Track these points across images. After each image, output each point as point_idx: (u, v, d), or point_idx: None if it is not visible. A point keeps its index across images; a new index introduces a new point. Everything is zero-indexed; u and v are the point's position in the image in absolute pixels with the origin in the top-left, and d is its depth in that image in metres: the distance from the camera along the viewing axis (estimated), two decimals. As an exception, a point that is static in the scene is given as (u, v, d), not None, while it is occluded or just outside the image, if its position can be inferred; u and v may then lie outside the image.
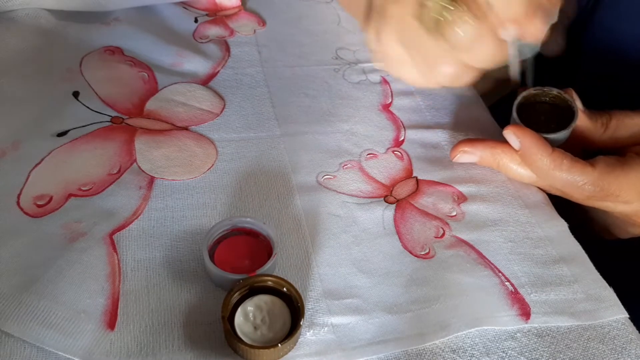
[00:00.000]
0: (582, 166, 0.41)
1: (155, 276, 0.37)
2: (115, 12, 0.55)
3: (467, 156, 0.45)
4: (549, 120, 0.44)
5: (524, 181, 0.45)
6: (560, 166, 0.41)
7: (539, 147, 0.41)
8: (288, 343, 0.33)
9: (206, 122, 0.47)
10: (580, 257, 0.41)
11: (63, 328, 0.33)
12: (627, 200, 0.41)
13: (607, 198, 0.41)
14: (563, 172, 0.41)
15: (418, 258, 0.40)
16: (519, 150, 0.42)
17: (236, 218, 0.39)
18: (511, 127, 0.43)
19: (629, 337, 0.37)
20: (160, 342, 0.34)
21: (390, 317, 0.36)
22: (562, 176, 0.41)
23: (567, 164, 0.41)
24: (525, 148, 0.42)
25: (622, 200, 0.41)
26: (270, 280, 0.35)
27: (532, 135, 0.42)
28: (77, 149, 0.43)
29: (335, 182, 0.44)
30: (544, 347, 0.36)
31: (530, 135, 0.42)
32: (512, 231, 0.42)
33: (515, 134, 0.42)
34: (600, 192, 0.41)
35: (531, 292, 0.39)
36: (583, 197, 0.42)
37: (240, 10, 0.59)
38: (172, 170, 0.43)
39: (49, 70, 0.48)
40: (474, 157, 0.45)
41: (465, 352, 0.36)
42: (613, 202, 0.42)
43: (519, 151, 0.42)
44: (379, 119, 0.50)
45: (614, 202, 0.41)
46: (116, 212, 0.39)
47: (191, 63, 0.52)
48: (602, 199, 0.41)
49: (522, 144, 0.42)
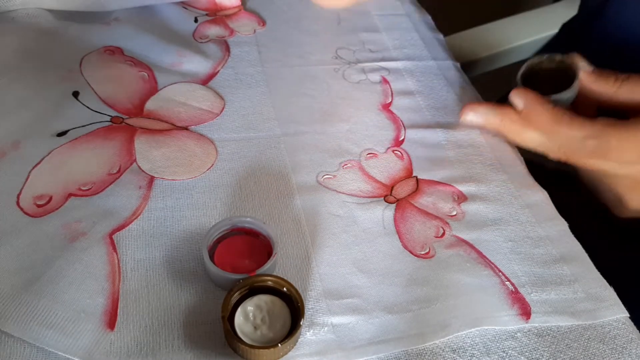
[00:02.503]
0: (582, 120, 0.41)
1: (155, 276, 0.37)
2: (115, 12, 0.55)
3: (472, 115, 0.48)
4: (555, 86, 0.44)
5: (526, 145, 0.45)
6: (560, 121, 0.41)
7: (540, 103, 0.42)
8: (288, 343, 0.33)
9: (206, 122, 0.47)
10: (580, 256, 0.41)
11: (63, 328, 0.33)
12: (629, 160, 0.41)
13: (609, 155, 0.41)
14: (563, 126, 0.41)
15: (418, 258, 0.40)
16: (522, 110, 0.43)
17: (236, 218, 0.39)
18: (515, 90, 0.44)
19: (630, 336, 0.37)
20: (160, 342, 0.34)
21: (391, 316, 0.36)
22: (562, 131, 0.42)
23: (567, 119, 0.41)
24: (527, 106, 0.43)
25: (625, 159, 0.41)
26: (270, 280, 0.35)
27: (534, 94, 0.43)
28: (77, 148, 0.43)
29: (335, 182, 0.44)
30: (545, 346, 0.36)
31: (533, 94, 0.43)
32: (512, 231, 0.42)
33: (518, 95, 0.43)
34: (601, 148, 0.41)
35: (531, 291, 0.39)
36: (585, 155, 0.42)
37: (240, 10, 0.59)
38: (172, 170, 0.43)
39: (49, 70, 0.48)
40: (480, 118, 0.47)
41: (466, 352, 0.35)
42: (616, 162, 0.42)
43: (523, 111, 0.43)
44: (379, 118, 0.50)
45: (616, 161, 0.41)
46: (116, 211, 0.39)
47: (191, 63, 0.52)
48: (603, 156, 0.41)
49: (524, 103, 0.43)
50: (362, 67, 0.55)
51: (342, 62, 0.55)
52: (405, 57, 0.56)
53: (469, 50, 0.67)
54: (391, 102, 0.52)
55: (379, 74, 0.54)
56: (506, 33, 0.70)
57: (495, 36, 0.69)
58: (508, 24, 0.71)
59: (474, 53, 0.67)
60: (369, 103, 0.51)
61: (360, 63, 0.55)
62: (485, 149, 0.48)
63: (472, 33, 0.69)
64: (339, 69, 0.54)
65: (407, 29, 0.60)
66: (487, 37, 0.69)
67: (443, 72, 0.55)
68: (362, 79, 0.53)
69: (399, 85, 0.53)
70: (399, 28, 0.60)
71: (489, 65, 0.69)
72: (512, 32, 0.70)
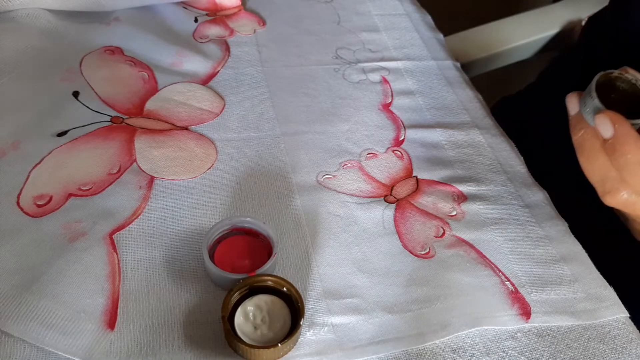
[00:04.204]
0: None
1: (155, 276, 0.37)
2: (115, 12, 0.55)
3: (573, 104, 0.40)
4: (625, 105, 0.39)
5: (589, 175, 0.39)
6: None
7: (634, 138, 0.36)
8: (288, 343, 0.33)
9: (206, 122, 0.47)
10: (580, 256, 0.41)
11: (63, 328, 0.33)
12: None
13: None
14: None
15: (418, 258, 0.40)
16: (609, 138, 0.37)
17: (236, 218, 0.39)
18: (607, 112, 0.37)
19: (630, 336, 0.37)
20: (160, 341, 0.34)
21: (390, 316, 0.36)
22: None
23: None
24: (618, 137, 0.36)
25: None
26: (270, 280, 0.35)
27: (627, 125, 0.37)
28: (77, 148, 0.43)
29: (335, 182, 0.44)
30: (545, 346, 0.36)
31: (626, 125, 0.37)
32: (512, 231, 0.42)
33: (611, 120, 0.37)
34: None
35: (531, 291, 0.39)
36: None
37: (240, 10, 0.59)
38: (172, 170, 0.43)
39: (49, 70, 0.48)
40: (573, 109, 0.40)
41: (466, 352, 0.35)
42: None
43: (610, 140, 0.37)
44: (379, 118, 0.50)
45: None
46: (116, 211, 0.39)
47: (191, 63, 0.52)
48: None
49: (616, 132, 0.37)
50: (362, 67, 0.55)
51: (342, 62, 0.55)
52: (405, 57, 0.56)
53: (469, 50, 0.67)
54: (391, 102, 0.52)
55: (379, 74, 0.54)
56: (506, 33, 0.70)
57: (495, 36, 0.69)
58: (507, 24, 0.71)
59: (474, 53, 0.67)
60: (369, 103, 0.51)
61: (360, 63, 0.55)
62: (485, 149, 0.48)
63: (472, 33, 0.69)
64: (339, 69, 0.54)
65: (407, 29, 0.60)
66: (486, 37, 0.69)
67: (443, 72, 0.55)
68: (362, 79, 0.53)
69: (399, 85, 0.53)
70: (399, 28, 0.60)
71: (488, 65, 0.69)
72: (512, 32, 0.70)
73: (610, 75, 0.40)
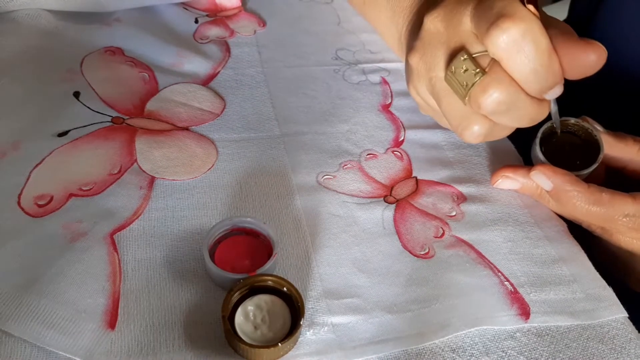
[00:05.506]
0: (622, 197, 0.38)
1: (156, 276, 0.37)
2: (115, 12, 0.55)
3: (509, 182, 0.44)
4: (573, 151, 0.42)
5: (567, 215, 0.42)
6: (599, 201, 0.38)
7: (572, 184, 0.39)
8: (288, 342, 0.33)
9: (206, 123, 0.47)
10: (579, 256, 0.41)
11: (63, 328, 0.33)
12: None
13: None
14: (604, 206, 0.38)
15: (418, 258, 0.40)
16: (551, 190, 0.40)
17: (236, 218, 0.39)
18: (540, 167, 0.40)
19: (629, 336, 0.37)
20: (160, 341, 0.34)
21: (390, 316, 0.37)
22: (602, 211, 0.38)
23: (607, 197, 0.38)
24: (558, 188, 0.39)
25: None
26: (270, 279, 0.35)
27: (563, 173, 0.39)
28: (78, 149, 0.43)
29: (335, 182, 0.44)
30: (544, 346, 0.36)
31: (562, 174, 0.39)
32: (512, 231, 0.42)
33: (545, 174, 0.40)
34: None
35: (530, 291, 0.39)
36: (628, 230, 0.39)
37: (241, 11, 0.59)
38: (173, 170, 0.43)
39: (49, 71, 0.48)
40: (516, 184, 0.44)
41: (465, 352, 0.36)
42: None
43: (552, 191, 0.40)
44: (379, 119, 0.50)
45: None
46: (117, 212, 0.40)
47: (191, 63, 0.52)
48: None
49: (554, 184, 0.39)
50: (362, 67, 0.55)
51: (342, 63, 0.55)
52: (405, 58, 0.56)
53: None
54: (391, 103, 0.52)
55: (379, 75, 0.54)
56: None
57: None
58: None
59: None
60: (369, 104, 0.51)
61: (360, 64, 0.55)
62: (484, 149, 0.48)
63: (472, 34, 0.69)
64: (339, 70, 0.54)
65: (407, 30, 0.60)
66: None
67: (443, 72, 0.55)
68: (362, 80, 0.54)
69: (399, 86, 0.53)
70: (399, 29, 0.60)
71: (488, 66, 0.69)
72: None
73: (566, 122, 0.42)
